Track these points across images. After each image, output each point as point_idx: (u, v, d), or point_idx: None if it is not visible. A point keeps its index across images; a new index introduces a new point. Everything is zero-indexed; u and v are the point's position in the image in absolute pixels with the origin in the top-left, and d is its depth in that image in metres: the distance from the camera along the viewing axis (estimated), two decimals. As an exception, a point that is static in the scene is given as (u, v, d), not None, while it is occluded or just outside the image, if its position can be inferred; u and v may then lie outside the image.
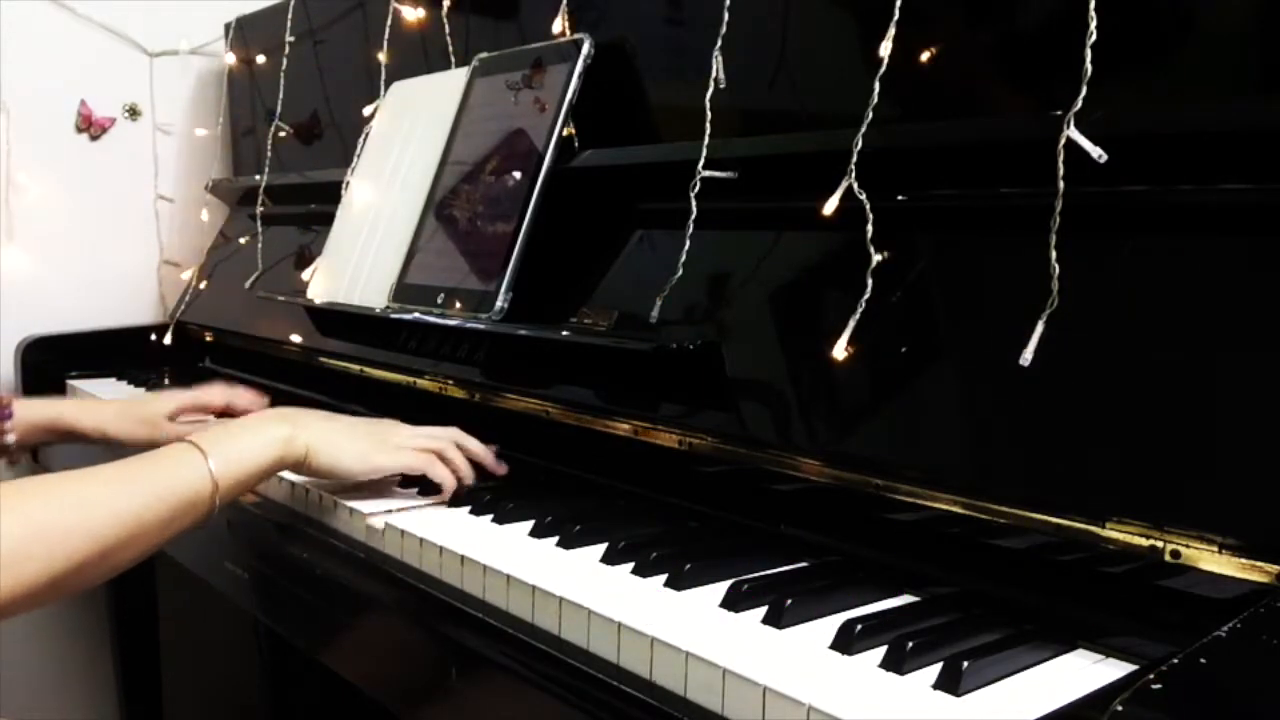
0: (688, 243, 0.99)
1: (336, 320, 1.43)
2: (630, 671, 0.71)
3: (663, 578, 0.80)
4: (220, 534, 1.16)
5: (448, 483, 1.01)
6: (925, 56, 0.88)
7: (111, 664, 1.97)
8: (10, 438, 1.23)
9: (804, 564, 0.84)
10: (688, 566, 0.80)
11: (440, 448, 1.04)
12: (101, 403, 1.29)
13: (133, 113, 2.01)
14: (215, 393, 1.35)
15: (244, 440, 0.96)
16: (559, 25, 1.23)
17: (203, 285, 1.89)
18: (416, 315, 1.23)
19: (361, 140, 1.50)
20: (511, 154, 1.20)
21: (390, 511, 0.99)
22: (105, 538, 0.82)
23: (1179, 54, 0.76)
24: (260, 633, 1.96)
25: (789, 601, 0.73)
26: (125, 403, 1.35)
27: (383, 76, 1.53)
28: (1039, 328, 0.72)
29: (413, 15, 1.49)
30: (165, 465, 0.90)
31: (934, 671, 0.64)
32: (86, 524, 0.82)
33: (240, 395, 1.35)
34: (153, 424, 1.28)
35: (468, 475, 1.05)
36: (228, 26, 1.99)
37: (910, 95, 0.88)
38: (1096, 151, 0.71)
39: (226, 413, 1.33)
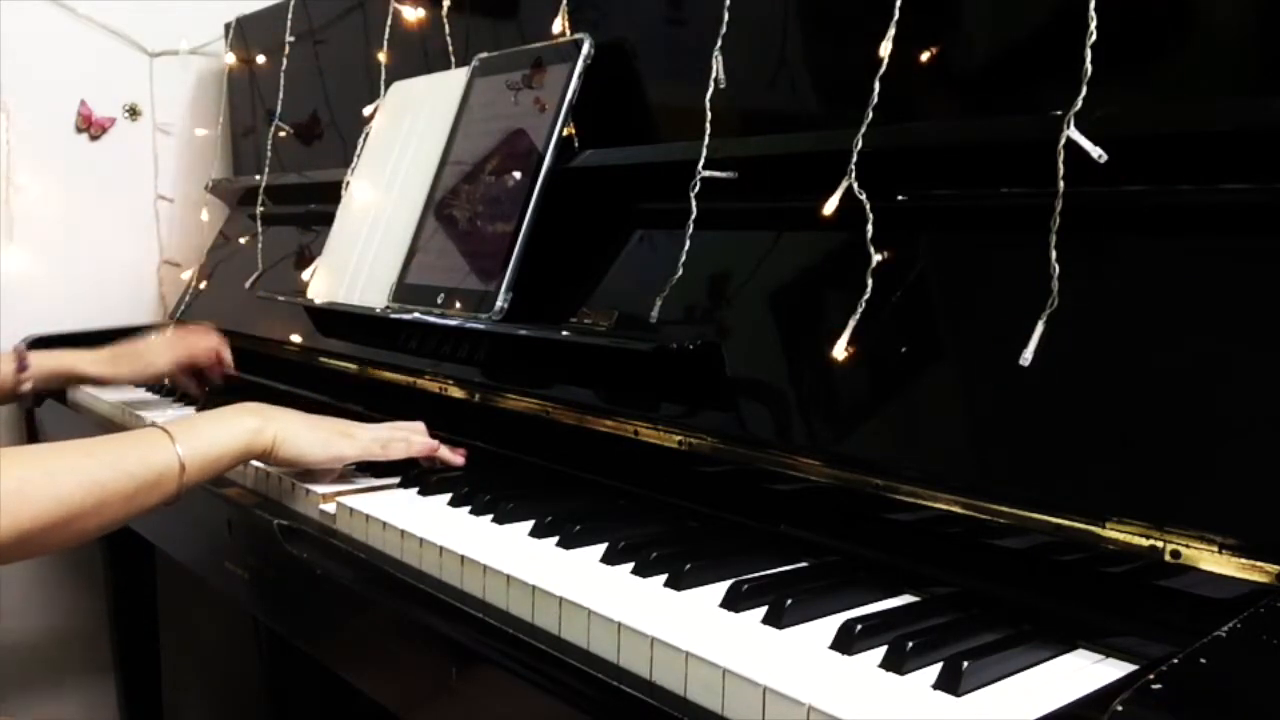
0: (687, 243, 0.99)
1: (336, 320, 1.43)
2: (630, 671, 0.71)
3: (663, 578, 0.80)
4: (220, 534, 1.16)
5: (411, 448, 1.08)
6: (925, 56, 0.88)
7: (111, 664, 1.97)
8: (27, 386, 1.50)
9: (804, 564, 0.84)
10: (688, 566, 0.80)
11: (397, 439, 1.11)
12: (99, 350, 1.55)
13: (133, 113, 2.01)
14: (201, 344, 1.57)
15: (213, 428, 1.02)
16: (559, 25, 1.23)
17: (203, 285, 1.89)
18: (416, 315, 1.23)
19: (361, 140, 1.50)
20: (511, 154, 1.20)
21: (369, 490, 1.01)
22: (71, 503, 0.89)
23: (1179, 54, 0.76)
24: (260, 632, 1.96)
25: (789, 601, 0.73)
26: (121, 348, 1.58)
27: (383, 76, 1.53)
28: (1039, 328, 0.72)
29: (413, 15, 1.49)
30: (135, 445, 0.96)
31: (934, 671, 0.64)
32: (55, 490, 0.88)
33: (225, 350, 1.58)
34: (145, 366, 1.54)
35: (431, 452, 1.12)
36: (228, 26, 1.99)
37: (910, 95, 0.88)
38: (1096, 151, 0.71)
39: (211, 367, 1.57)
